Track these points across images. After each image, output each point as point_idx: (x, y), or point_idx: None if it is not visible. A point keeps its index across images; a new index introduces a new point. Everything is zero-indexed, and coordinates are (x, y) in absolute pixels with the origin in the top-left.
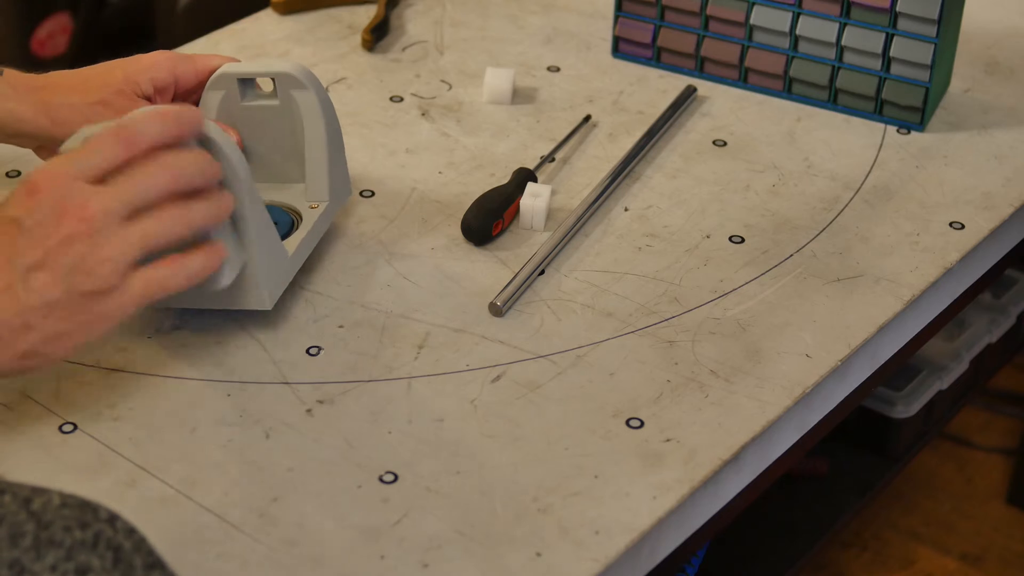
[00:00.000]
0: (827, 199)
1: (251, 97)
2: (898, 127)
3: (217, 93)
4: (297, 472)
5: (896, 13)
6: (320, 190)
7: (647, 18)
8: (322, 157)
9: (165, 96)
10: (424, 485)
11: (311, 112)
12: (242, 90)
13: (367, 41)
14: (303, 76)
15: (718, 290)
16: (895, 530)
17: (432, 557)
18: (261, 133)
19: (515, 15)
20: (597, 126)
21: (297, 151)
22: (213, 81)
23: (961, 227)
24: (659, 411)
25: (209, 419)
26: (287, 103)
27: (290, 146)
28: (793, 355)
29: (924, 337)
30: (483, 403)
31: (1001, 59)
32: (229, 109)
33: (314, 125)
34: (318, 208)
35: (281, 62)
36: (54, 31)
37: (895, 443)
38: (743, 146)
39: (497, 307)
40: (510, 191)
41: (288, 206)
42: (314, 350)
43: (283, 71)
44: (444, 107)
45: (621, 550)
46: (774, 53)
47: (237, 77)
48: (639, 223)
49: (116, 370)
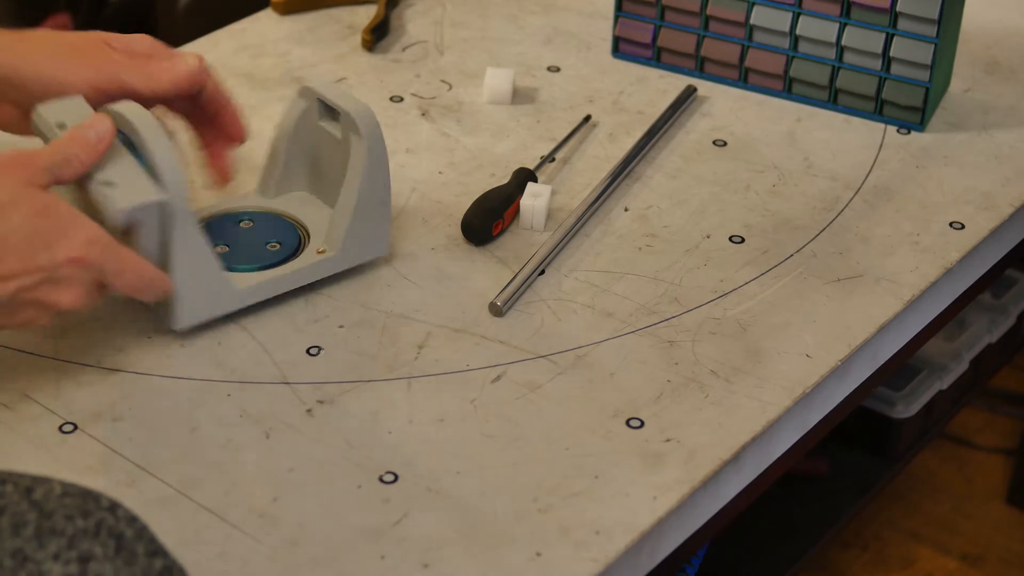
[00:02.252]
0: (827, 199)
1: (326, 119)
2: (898, 127)
3: (302, 103)
4: (297, 472)
5: (896, 13)
6: (335, 238)
7: (647, 18)
8: (348, 208)
9: None
10: (424, 485)
11: (357, 160)
12: (321, 109)
13: (367, 41)
14: (363, 123)
15: (718, 290)
16: (895, 530)
17: (432, 557)
18: (324, 153)
19: (515, 15)
20: (597, 126)
21: None
22: (304, 91)
23: (961, 227)
24: (659, 411)
25: (209, 419)
26: (346, 140)
27: (340, 178)
28: (793, 355)
29: (924, 337)
30: (483, 403)
31: (1001, 59)
32: (308, 120)
33: (355, 173)
34: (324, 254)
35: (354, 101)
36: None
37: (895, 443)
38: (743, 146)
39: (497, 307)
40: (510, 191)
41: (296, 219)
42: (314, 350)
43: (346, 109)
44: (444, 107)
45: (621, 550)
46: (774, 53)
47: (318, 97)
48: (639, 223)
49: (116, 370)
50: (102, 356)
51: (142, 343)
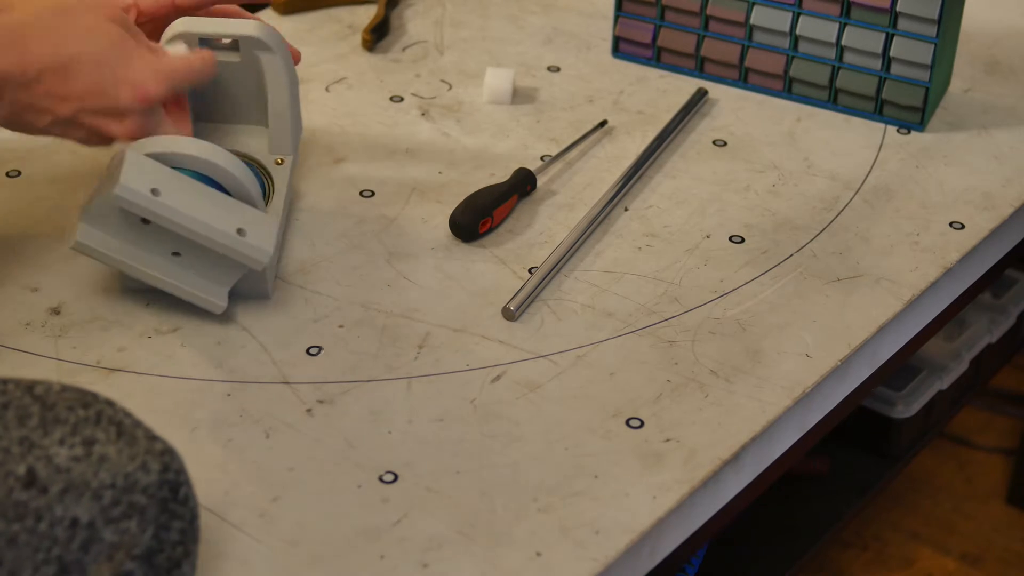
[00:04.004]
0: (827, 199)
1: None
2: (898, 127)
3: (178, 47)
4: (297, 472)
5: (896, 13)
6: (284, 145)
7: (647, 18)
8: (286, 113)
9: None
10: (424, 485)
11: (276, 73)
12: (202, 45)
13: (367, 41)
14: (270, 40)
15: (718, 290)
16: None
17: (432, 557)
18: (219, 81)
19: (515, 15)
20: (603, 126)
21: (257, 100)
22: (173, 36)
23: (961, 227)
24: (659, 411)
25: (209, 419)
26: (250, 61)
27: (249, 95)
28: (793, 355)
29: (924, 337)
30: (483, 403)
31: (1001, 59)
32: None
33: (278, 85)
34: (285, 163)
35: (246, 24)
36: None
37: (895, 443)
38: (743, 146)
39: (510, 311)
40: (503, 190)
41: (252, 159)
42: (314, 350)
43: (249, 35)
44: (444, 107)
45: (621, 550)
46: (774, 53)
47: (199, 37)
48: (639, 223)
49: (116, 370)
50: (102, 356)
51: (142, 343)
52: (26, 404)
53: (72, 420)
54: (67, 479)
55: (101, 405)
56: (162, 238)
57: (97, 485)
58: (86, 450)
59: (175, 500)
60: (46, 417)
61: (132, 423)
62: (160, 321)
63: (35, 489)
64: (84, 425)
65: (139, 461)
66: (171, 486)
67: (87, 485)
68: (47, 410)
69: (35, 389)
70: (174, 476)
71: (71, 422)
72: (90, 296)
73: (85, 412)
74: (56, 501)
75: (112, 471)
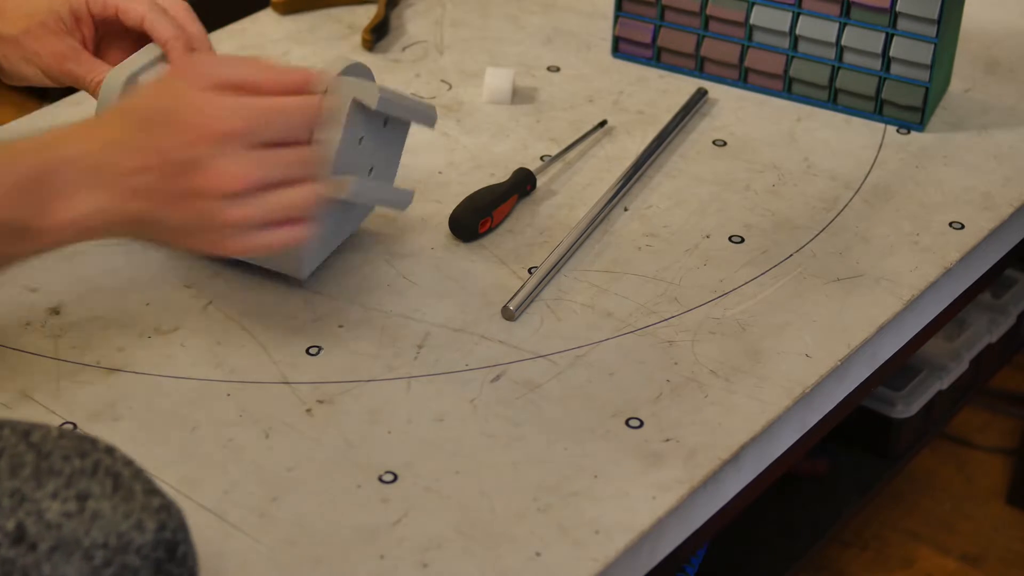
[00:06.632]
0: (827, 199)
1: None
2: (898, 127)
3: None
4: (297, 472)
5: (896, 13)
6: None
7: (647, 18)
8: None
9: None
10: (424, 485)
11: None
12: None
13: (367, 41)
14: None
15: (718, 290)
16: (895, 530)
17: (432, 557)
18: None
19: (515, 15)
20: (602, 126)
21: None
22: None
23: (961, 227)
24: (659, 411)
25: (209, 419)
26: None
27: None
28: (793, 355)
29: (924, 337)
30: (483, 403)
31: (1001, 59)
32: None
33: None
34: None
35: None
36: None
37: (895, 443)
38: (743, 146)
39: (510, 311)
40: (503, 190)
41: None
42: (314, 350)
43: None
44: (444, 107)
45: (621, 550)
46: (774, 53)
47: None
48: (639, 223)
49: (116, 370)
50: (102, 356)
51: (142, 343)
52: (21, 452)
53: (67, 471)
54: (57, 536)
55: (99, 454)
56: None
57: (89, 544)
58: (79, 505)
59: (171, 560)
60: (40, 467)
61: (131, 474)
62: (160, 321)
63: (24, 546)
64: (79, 477)
65: (134, 519)
66: (167, 546)
67: (78, 544)
68: (42, 459)
69: (32, 436)
70: (171, 535)
71: (66, 473)
72: (90, 296)
73: (81, 463)
74: (44, 559)
75: (105, 529)
